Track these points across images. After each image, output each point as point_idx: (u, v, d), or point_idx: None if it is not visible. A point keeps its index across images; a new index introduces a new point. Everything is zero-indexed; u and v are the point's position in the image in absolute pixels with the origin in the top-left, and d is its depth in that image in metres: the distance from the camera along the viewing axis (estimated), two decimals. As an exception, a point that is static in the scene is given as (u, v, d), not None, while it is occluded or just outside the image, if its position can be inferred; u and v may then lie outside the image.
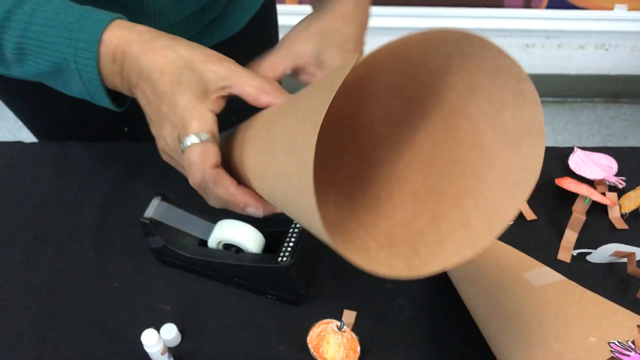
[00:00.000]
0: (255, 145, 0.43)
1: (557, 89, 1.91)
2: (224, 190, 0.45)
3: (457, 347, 0.58)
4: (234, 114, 0.47)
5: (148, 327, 0.54)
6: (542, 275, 0.55)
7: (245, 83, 0.44)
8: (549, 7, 1.68)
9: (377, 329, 0.59)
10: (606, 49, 1.81)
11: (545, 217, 0.67)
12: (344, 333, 0.56)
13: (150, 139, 0.48)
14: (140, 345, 0.53)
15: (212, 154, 0.43)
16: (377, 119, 0.45)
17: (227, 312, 0.60)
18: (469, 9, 1.69)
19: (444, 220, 0.40)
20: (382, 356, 0.57)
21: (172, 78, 0.43)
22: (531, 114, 0.35)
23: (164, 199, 0.61)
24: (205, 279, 0.63)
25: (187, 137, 0.43)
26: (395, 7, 1.70)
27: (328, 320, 0.56)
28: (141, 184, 0.71)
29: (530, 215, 0.67)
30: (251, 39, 0.80)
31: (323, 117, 0.31)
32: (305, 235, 0.58)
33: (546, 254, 0.64)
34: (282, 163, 0.37)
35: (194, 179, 0.44)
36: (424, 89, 0.41)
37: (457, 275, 0.60)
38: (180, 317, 0.60)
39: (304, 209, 0.34)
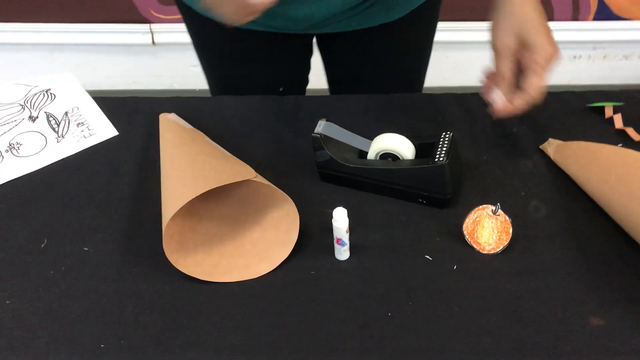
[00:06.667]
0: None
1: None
2: None
3: (591, 237, 0.67)
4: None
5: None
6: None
7: None
8: (595, 19, 1.81)
9: (519, 223, 0.68)
10: (650, 59, 1.93)
11: (651, 138, 0.77)
12: (497, 217, 0.65)
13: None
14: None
15: None
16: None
17: (387, 214, 0.70)
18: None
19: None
20: (529, 242, 0.66)
21: None
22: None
23: (328, 120, 0.72)
24: (362, 191, 0.73)
25: None
26: (449, 22, 1.84)
27: (484, 205, 0.65)
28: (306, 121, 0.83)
29: (636, 137, 0.76)
30: (410, 29, 0.94)
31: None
32: (455, 144, 0.68)
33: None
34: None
35: None
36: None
37: (586, 177, 0.69)
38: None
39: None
